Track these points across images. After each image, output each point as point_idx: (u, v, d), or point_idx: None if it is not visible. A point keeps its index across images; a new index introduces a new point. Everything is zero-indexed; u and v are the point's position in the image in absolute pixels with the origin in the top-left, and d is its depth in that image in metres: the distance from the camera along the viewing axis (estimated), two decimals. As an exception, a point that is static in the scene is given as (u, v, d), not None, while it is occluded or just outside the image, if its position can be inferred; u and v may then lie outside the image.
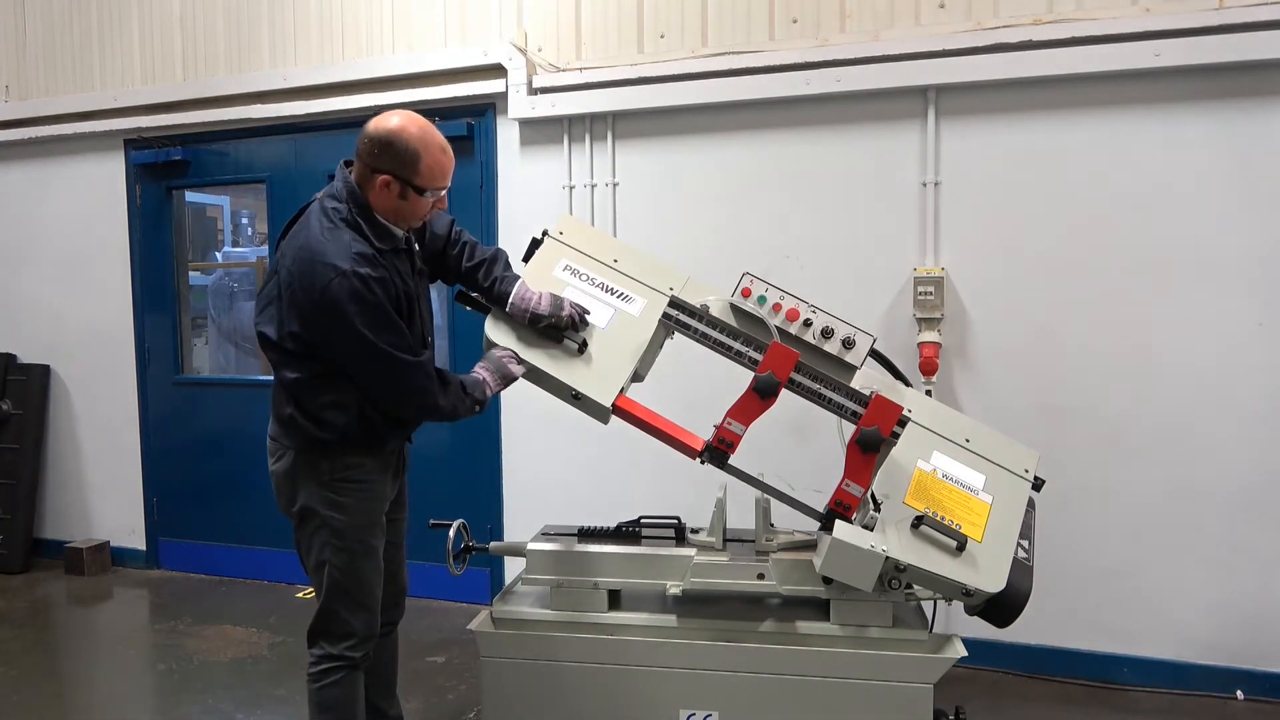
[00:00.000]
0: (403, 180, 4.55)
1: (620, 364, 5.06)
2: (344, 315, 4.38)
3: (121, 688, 7.34)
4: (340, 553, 4.80)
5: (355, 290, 4.37)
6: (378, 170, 4.55)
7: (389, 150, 4.53)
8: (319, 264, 4.40)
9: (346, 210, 4.59)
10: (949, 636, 5.14)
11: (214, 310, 11.21)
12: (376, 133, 4.57)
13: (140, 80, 9.76)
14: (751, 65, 7.43)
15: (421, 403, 4.70)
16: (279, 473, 4.88)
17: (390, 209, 4.63)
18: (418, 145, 4.55)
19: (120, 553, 10.30)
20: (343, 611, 4.92)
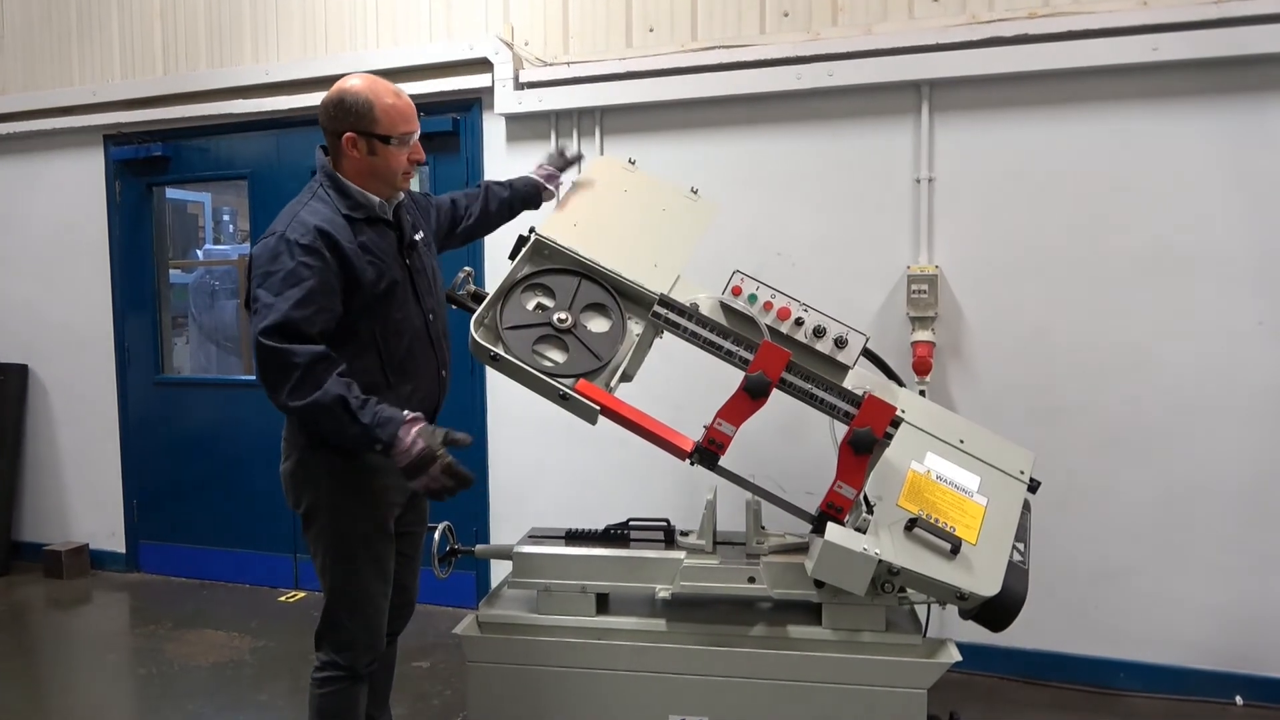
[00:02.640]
0: (364, 134, 4.60)
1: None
2: (258, 272, 4.41)
3: (101, 693, 7.30)
4: (341, 559, 4.78)
5: (276, 252, 4.38)
6: (339, 133, 4.60)
7: (341, 108, 4.59)
8: (269, 230, 4.52)
9: (317, 185, 4.68)
10: (943, 641, 5.13)
11: (195, 309, 11.21)
12: (328, 98, 4.65)
13: (120, 75, 9.74)
14: (742, 59, 7.41)
15: (271, 392, 4.39)
16: (285, 473, 4.87)
17: (366, 170, 4.68)
18: (367, 94, 4.61)
19: (100, 556, 10.29)
20: (344, 619, 4.86)
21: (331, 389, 4.30)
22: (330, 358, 4.35)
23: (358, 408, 4.31)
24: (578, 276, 5.25)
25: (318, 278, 4.38)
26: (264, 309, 4.31)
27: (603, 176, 5.78)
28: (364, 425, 4.33)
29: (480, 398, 8.46)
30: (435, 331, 4.98)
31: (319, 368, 4.31)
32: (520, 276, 5.23)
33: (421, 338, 4.89)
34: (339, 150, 4.65)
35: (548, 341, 5.07)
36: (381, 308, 4.65)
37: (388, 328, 4.70)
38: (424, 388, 4.94)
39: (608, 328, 5.16)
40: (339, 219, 4.54)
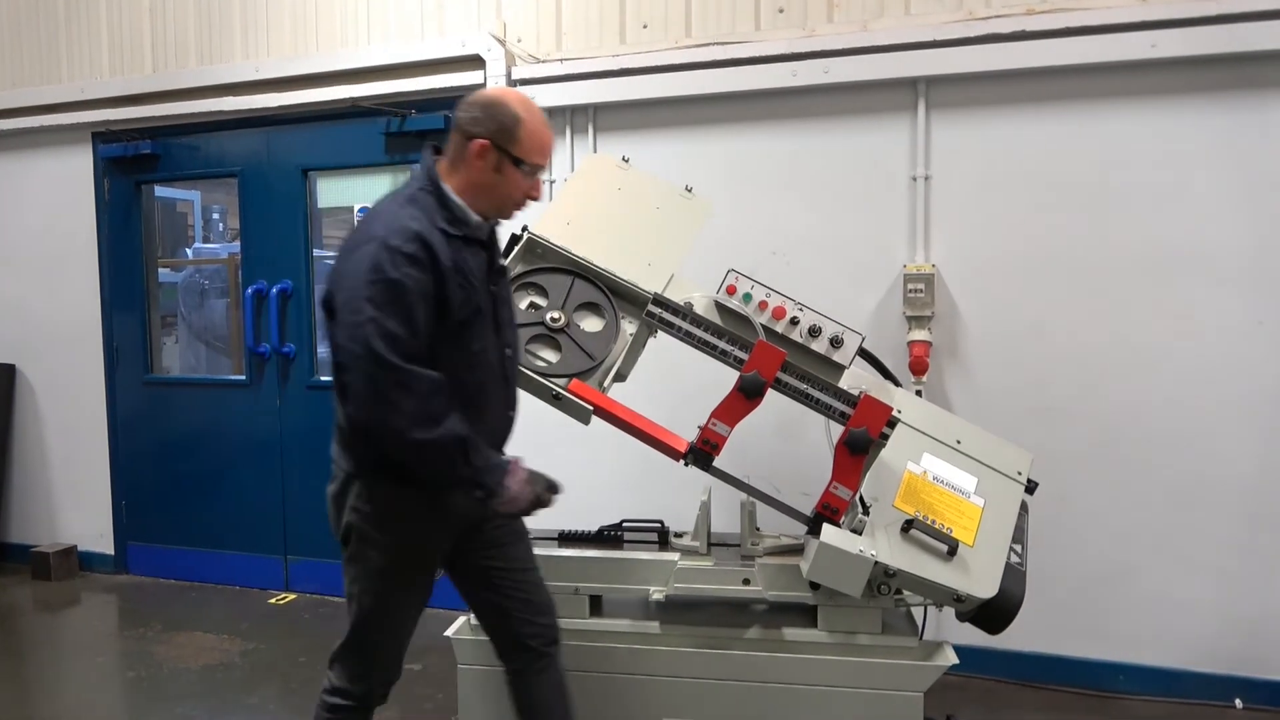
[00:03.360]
0: (500, 148, 4.26)
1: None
2: (356, 281, 4.00)
3: (89, 696, 7.28)
4: (368, 593, 4.57)
5: (378, 261, 3.98)
6: (474, 135, 4.26)
7: (489, 111, 4.30)
8: (363, 232, 4.18)
9: (417, 188, 4.34)
10: (940, 643, 5.13)
11: (184, 308, 11.19)
12: (475, 97, 4.42)
13: (109, 72, 9.72)
14: (736, 56, 7.40)
15: (381, 416, 4.02)
16: (330, 495, 4.54)
17: (481, 184, 4.32)
18: (520, 110, 4.31)
19: (88, 557, 10.27)
20: (369, 648, 4.70)
21: (454, 427, 4.08)
22: (446, 388, 4.10)
23: (473, 449, 4.14)
24: (571, 275, 5.25)
25: (420, 293, 4.07)
26: (369, 322, 3.95)
27: (596, 174, 5.78)
28: (475, 469, 4.17)
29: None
30: (510, 369, 4.62)
31: (438, 399, 4.06)
32: (513, 275, 5.23)
33: (496, 374, 4.50)
34: (461, 154, 4.31)
35: (541, 341, 5.09)
36: (462, 337, 4.27)
37: (465, 359, 4.29)
38: (492, 429, 4.55)
39: (601, 327, 5.17)
40: (436, 233, 4.15)
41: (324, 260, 9.73)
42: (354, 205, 9.07)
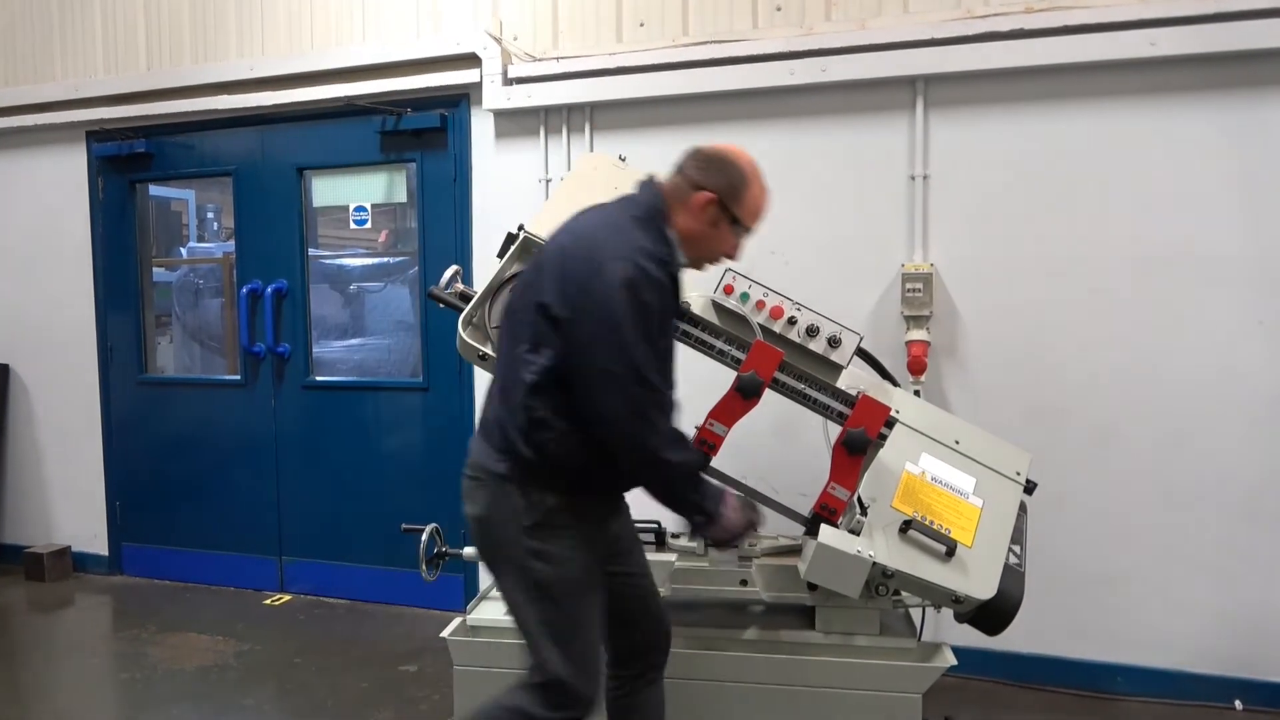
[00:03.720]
0: (723, 205, 4.29)
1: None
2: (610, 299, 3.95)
3: (83, 698, 7.28)
4: (545, 607, 4.29)
5: (633, 280, 3.96)
6: (701, 186, 4.29)
7: (721, 166, 4.34)
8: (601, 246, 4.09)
9: (643, 214, 4.27)
10: (938, 645, 5.13)
11: (179, 308, 11.17)
12: (714, 149, 4.43)
13: (103, 70, 9.70)
14: (734, 55, 7.40)
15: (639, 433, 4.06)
16: (475, 517, 4.43)
17: (694, 234, 4.32)
18: (749, 172, 4.37)
19: (82, 558, 10.26)
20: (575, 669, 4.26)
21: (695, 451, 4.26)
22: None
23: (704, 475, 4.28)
24: (567, 275, 5.25)
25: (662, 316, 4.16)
26: (631, 344, 3.96)
27: (593, 174, 5.77)
28: (702, 495, 4.25)
29: (469, 398, 8.46)
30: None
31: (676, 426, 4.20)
32: (509, 275, 5.24)
33: None
34: (682, 199, 4.31)
35: (537, 341, 5.08)
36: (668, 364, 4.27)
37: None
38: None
39: (597, 327, 5.16)
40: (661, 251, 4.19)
41: (319, 260, 9.74)
42: (349, 204, 9.06)
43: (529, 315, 4.17)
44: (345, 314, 10.64)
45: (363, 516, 9.03)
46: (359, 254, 10.97)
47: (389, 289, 10.54)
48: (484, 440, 4.41)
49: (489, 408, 4.43)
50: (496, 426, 4.32)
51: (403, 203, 9.35)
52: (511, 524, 4.24)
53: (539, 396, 4.15)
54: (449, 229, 8.50)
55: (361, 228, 9.27)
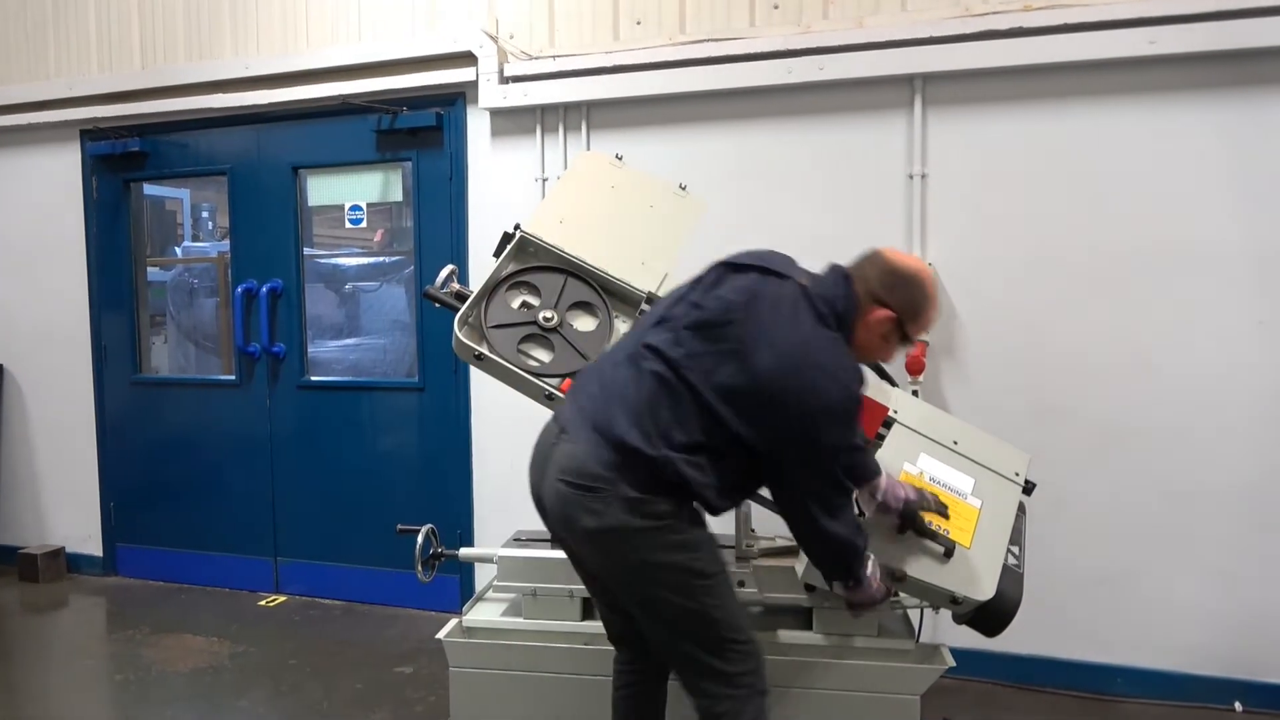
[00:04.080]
0: (901, 323, 4.30)
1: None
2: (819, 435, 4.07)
3: (77, 699, 7.27)
4: (711, 590, 4.30)
5: (848, 408, 4.10)
6: (884, 303, 4.27)
7: (908, 287, 4.31)
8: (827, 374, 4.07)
9: (834, 322, 4.23)
10: (936, 646, 5.14)
11: (173, 307, 11.15)
12: (899, 264, 4.35)
13: (97, 68, 9.69)
14: (731, 53, 7.39)
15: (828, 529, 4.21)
16: (602, 529, 4.20)
17: (865, 344, 4.36)
18: (930, 292, 4.36)
19: (76, 559, 10.24)
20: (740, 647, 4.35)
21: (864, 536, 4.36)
22: None
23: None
24: (564, 274, 5.25)
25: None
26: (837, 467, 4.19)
27: (589, 172, 5.76)
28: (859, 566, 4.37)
29: (464, 398, 8.46)
30: None
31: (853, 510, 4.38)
32: (505, 274, 5.24)
33: None
34: (858, 310, 4.28)
35: (533, 340, 5.09)
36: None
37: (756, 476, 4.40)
38: None
39: (594, 326, 5.18)
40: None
41: (314, 259, 9.73)
42: (345, 203, 9.04)
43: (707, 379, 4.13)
44: (340, 314, 10.63)
45: (358, 517, 9.02)
46: (354, 253, 10.96)
47: (384, 288, 10.52)
48: (604, 448, 4.19)
49: (611, 413, 4.23)
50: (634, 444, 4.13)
51: (398, 202, 9.33)
52: (651, 529, 4.16)
53: (705, 453, 4.16)
54: (445, 228, 8.49)
55: (357, 227, 9.25)
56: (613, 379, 4.31)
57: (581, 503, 4.19)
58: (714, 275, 4.40)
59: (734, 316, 4.18)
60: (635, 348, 4.34)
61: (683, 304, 4.34)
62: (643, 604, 4.35)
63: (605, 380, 4.34)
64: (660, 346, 4.22)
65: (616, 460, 4.12)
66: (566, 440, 4.33)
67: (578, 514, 4.22)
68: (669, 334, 4.25)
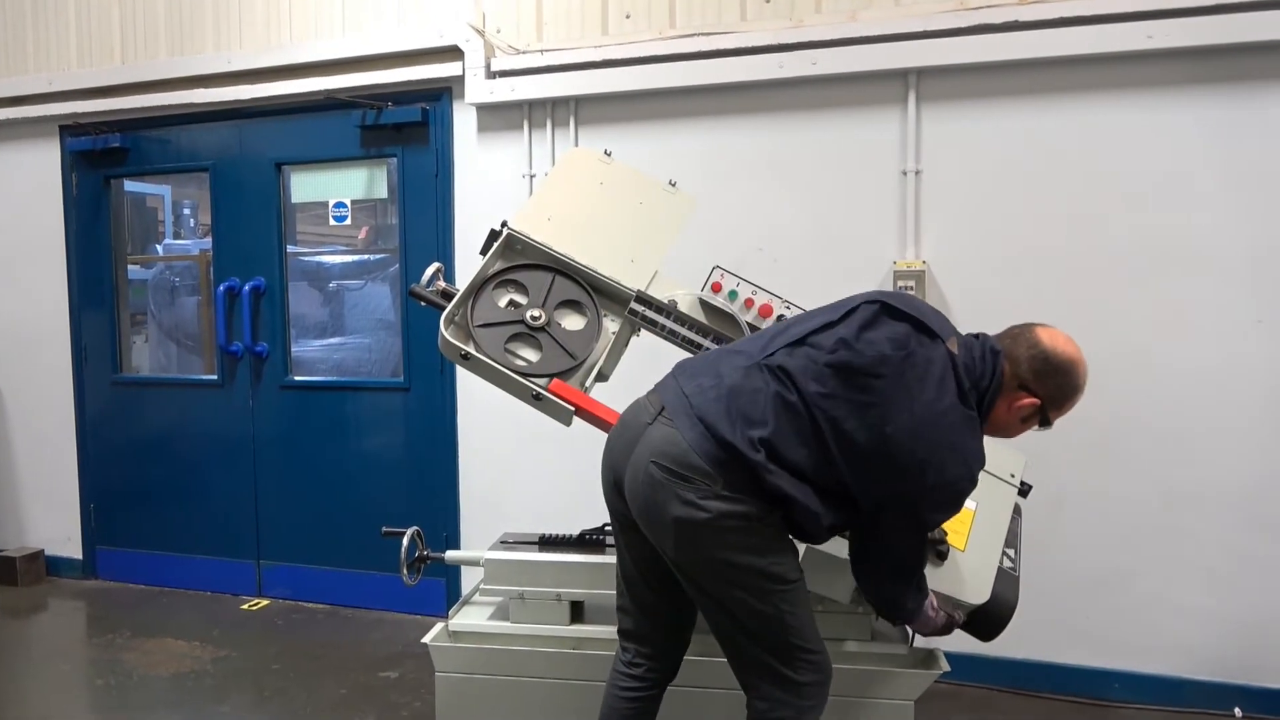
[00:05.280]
0: (1044, 411, 4.29)
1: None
2: (929, 508, 4.13)
3: (56, 704, 7.22)
4: (787, 595, 4.28)
5: (961, 494, 4.13)
6: (1031, 391, 4.25)
7: (1060, 380, 4.28)
8: (956, 455, 4.07)
9: (975, 399, 4.20)
10: (931, 650, 5.13)
11: (154, 306, 11.12)
12: (1053, 352, 4.32)
13: (76, 63, 9.66)
14: (722, 47, 7.39)
15: (898, 597, 4.34)
16: (691, 521, 4.13)
17: (1003, 424, 4.36)
18: (1080, 383, 4.31)
19: (55, 562, 10.22)
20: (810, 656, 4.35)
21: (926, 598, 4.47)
22: None
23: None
24: (552, 272, 5.23)
25: None
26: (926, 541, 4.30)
27: (578, 169, 5.74)
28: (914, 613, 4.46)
29: (451, 398, 8.46)
30: None
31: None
32: (492, 273, 5.21)
33: None
34: (1009, 391, 4.29)
35: (521, 340, 5.06)
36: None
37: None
38: None
39: (583, 325, 5.15)
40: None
41: (297, 257, 9.70)
42: (329, 200, 9.03)
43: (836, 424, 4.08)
44: (324, 312, 10.60)
45: (342, 519, 9.00)
46: (338, 251, 10.92)
47: (369, 287, 10.49)
48: (709, 441, 4.13)
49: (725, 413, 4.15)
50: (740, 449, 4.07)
51: (383, 198, 9.30)
52: (738, 530, 4.12)
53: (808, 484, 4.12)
54: (431, 225, 8.48)
55: (341, 224, 9.24)
56: (733, 382, 4.21)
57: (673, 489, 4.13)
58: (868, 314, 4.27)
59: (885, 371, 4.10)
60: (765, 359, 4.24)
61: (828, 334, 4.24)
62: (718, 601, 4.30)
63: (723, 377, 4.25)
64: (795, 374, 4.14)
65: (720, 457, 4.07)
66: (665, 423, 4.25)
67: (667, 500, 4.14)
68: (808, 363, 4.16)
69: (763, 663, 4.30)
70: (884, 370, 4.08)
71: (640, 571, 4.62)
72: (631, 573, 4.66)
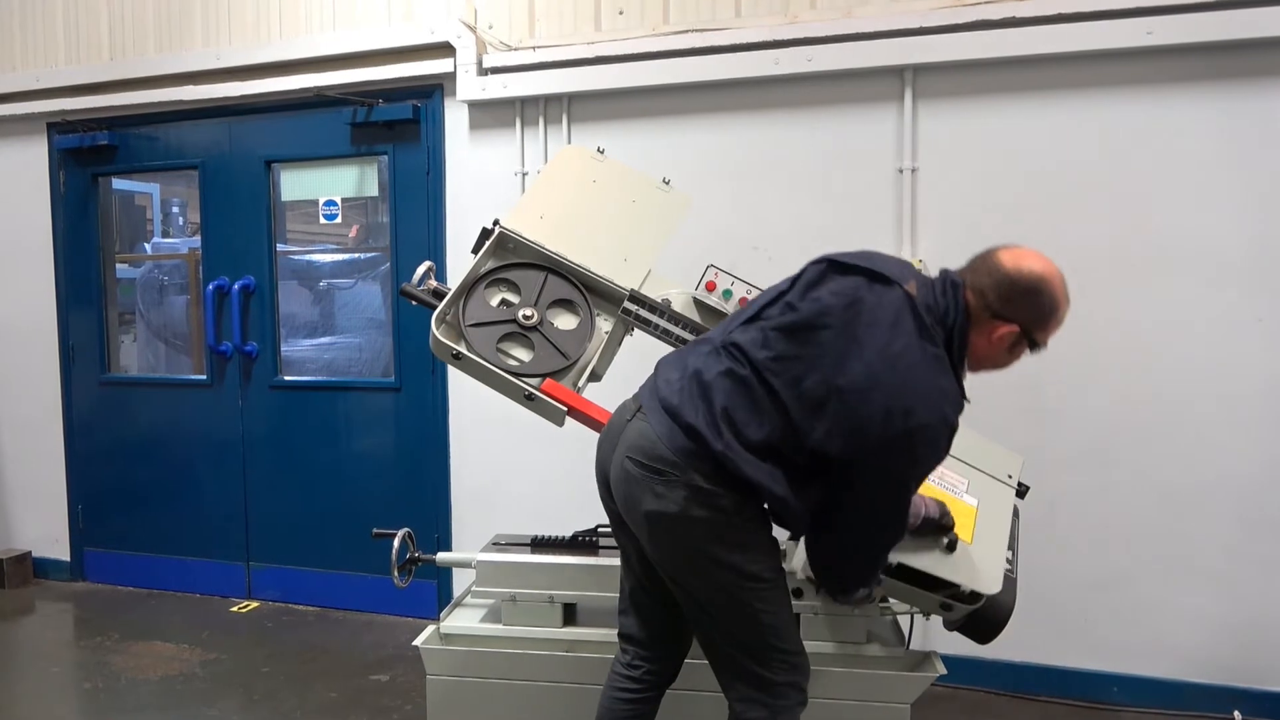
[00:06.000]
0: (1028, 335, 4.15)
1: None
2: (905, 458, 3.94)
3: (43, 708, 7.21)
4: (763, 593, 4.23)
5: (936, 442, 3.97)
6: (1004, 317, 4.11)
7: (1031, 300, 4.13)
8: (921, 397, 3.91)
9: (943, 338, 4.10)
10: (927, 653, 5.12)
11: (143, 305, 11.12)
12: (1019, 274, 4.17)
13: (64, 60, 9.64)
14: (716, 44, 7.37)
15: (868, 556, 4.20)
16: (667, 514, 4.11)
17: (986, 358, 4.26)
18: (1060, 296, 4.18)
19: (43, 564, 10.21)
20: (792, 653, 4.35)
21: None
22: None
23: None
24: (544, 271, 5.22)
25: None
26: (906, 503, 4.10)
27: (570, 166, 5.73)
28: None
29: (442, 398, 8.45)
30: None
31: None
32: (484, 271, 5.20)
33: None
34: (981, 326, 4.17)
35: (513, 339, 5.05)
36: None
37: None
38: None
39: (575, 325, 5.14)
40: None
41: (287, 255, 9.69)
42: (319, 198, 9.03)
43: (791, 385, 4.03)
44: (315, 311, 10.60)
45: (332, 521, 8.99)
46: (329, 250, 10.93)
47: (360, 286, 10.50)
48: (676, 433, 4.11)
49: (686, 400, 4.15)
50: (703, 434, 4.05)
51: (374, 196, 9.31)
52: (711, 522, 4.09)
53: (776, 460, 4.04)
54: (422, 224, 8.47)
55: (331, 222, 9.23)
56: (696, 368, 4.21)
57: (647, 484, 4.12)
58: (815, 274, 4.27)
59: (829, 322, 4.04)
60: (723, 339, 4.25)
61: (778, 304, 4.23)
62: (692, 596, 4.29)
63: (688, 367, 4.25)
64: (745, 346, 4.13)
65: (688, 447, 4.04)
66: (640, 419, 4.25)
67: (641, 495, 4.15)
68: (757, 334, 4.14)
69: (737, 661, 4.30)
70: (828, 321, 4.04)
71: (636, 572, 4.60)
72: (627, 573, 4.67)
